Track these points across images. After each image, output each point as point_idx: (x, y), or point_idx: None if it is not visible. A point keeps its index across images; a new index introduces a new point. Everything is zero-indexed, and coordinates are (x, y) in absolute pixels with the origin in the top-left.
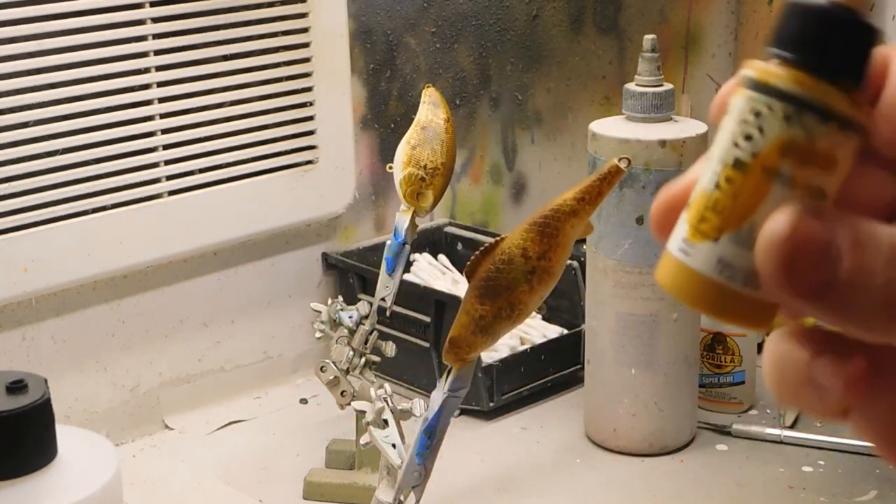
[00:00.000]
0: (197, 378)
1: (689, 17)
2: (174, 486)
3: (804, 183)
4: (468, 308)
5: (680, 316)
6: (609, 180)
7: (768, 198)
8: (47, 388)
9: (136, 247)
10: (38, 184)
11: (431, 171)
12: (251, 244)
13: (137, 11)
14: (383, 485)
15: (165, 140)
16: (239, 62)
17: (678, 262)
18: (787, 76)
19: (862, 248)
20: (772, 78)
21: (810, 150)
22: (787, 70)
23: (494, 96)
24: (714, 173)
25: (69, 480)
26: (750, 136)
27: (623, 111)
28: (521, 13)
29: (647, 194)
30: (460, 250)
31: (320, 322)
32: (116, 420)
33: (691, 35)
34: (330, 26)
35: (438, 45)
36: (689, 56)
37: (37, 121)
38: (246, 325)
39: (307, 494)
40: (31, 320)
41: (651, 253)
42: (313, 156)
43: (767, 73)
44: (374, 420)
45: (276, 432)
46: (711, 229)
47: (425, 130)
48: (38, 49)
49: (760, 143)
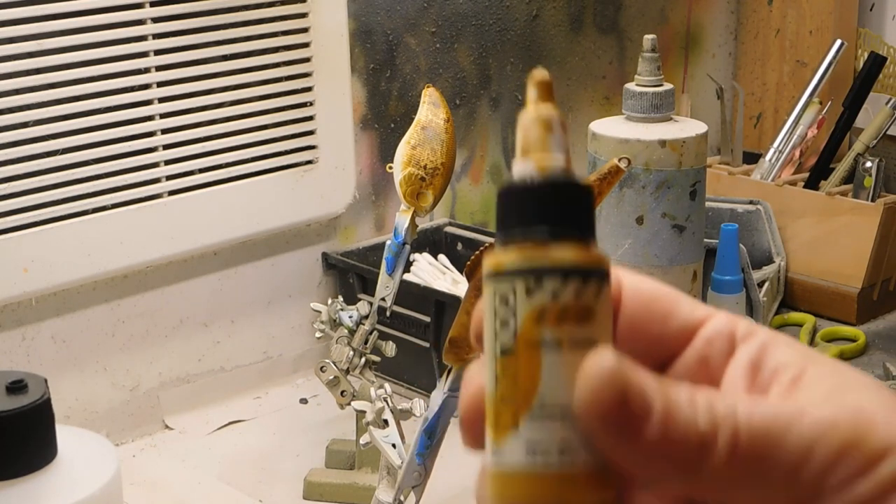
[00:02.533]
0: (197, 378)
1: (689, 17)
2: (174, 486)
3: (571, 340)
4: (468, 308)
5: None
6: (609, 180)
7: (543, 368)
8: (47, 388)
9: (136, 247)
10: (38, 184)
11: (431, 171)
12: (251, 244)
13: (137, 11)
14: (383, 485)
15: (165, 140)
16: (239, 62)
17: (495, 472)
18: (515, 255)
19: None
20: (503, 262)
21: (562, 310)
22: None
23: (494, 96)
24: (491, 371)
25: (69, 480)
26: (506, 322)
27: (623, 111)
28: (521, 13)
29: (647, 194)
30: (460, 250)
31: (320, 322)
32: (116, 420)
33: (691, 35)
34: (330, 26)
35: (438, 45)
36: (689, 56)
37: (37, 121)
38: (246, 325)
39: (307, 494)
40: (31, 320)
41: (651, 253)
42: (313, 156)
43: (498, 260)
44: (374, 420)
45: (276, 432)
46: (509, 420)
47: (425, 130)
48: (38, 49)
49: (516, 323)
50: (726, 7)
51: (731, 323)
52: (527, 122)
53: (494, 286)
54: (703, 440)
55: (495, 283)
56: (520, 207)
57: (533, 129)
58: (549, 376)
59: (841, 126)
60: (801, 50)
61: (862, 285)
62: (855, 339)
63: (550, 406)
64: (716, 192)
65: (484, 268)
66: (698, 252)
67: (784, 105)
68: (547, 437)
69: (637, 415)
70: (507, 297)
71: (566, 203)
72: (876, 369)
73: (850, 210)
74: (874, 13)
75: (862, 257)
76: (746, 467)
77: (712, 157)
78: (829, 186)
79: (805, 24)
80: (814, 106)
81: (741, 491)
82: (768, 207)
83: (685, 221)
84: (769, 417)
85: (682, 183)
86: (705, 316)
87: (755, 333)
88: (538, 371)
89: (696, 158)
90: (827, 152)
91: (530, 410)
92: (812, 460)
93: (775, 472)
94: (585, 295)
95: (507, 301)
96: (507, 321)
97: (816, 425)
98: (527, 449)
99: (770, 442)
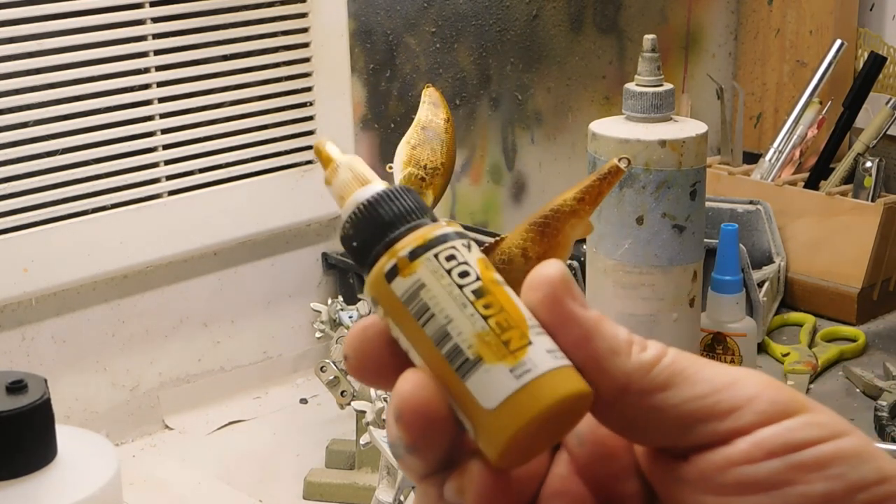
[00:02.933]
0: (197, 378)
1: (689, 17)
2: (174, 486)
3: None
4: None
5: (680, 316)
6: (609, 180)
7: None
8: (47, 388)
9: (136, 247)
10: (38, 184)
11: (431, 171)
12: (251, 244)
13: (137, 11)
14: (383, 485)
15: (165, 140)
16: (239, 62)
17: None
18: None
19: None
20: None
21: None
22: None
23: (494, 96)
24: (471, 315)
25: (69, 480)
26: (466, 273)
27: (623, 111)
28: (521, 13)
29: (647, 194)
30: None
31: (320, 322)
32: (116, 420)
33: (691, 35)
34: (330, 26)
35: (438, 45)
36: (689, 56)
37: (37, 121)
38: (246, 325)
39: (307, 494)
40: (31, 320)
41: (651, 253)
42: (313, 156)
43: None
44: (374, 420)
45: (276, 432)
46: (518, 340)
47: (425, 130)
48: (38, 49)
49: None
50: (726, 7)
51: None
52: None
53: (432, 252)
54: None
55: (431, 249)
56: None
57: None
58: (519, 302)
59: (841, 126)
60: (801, 50)
61: (862, 285)
62: (855, 339)
63: (536, 324)
64: (716, 192)
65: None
66: (698, 252)
67: (784, 105)
68: (551, 344)
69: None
70: (454, 255)
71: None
72: (876, 369)
73: (850, 210)
74: (874, 13)
75: (862, 257)
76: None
77: (712, 157)
78: (829, 186)
79: (805, 24)
80: (814, 106)
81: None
82: (768, 207)
83: (685, 221)
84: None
85: (682, 183)
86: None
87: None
88: (511, 298)
89: (696, 158)
90: (827, 152)
91: (531, 327)
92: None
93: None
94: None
95: (455, 257)
96: (467, 272)
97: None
98: (547, 354)
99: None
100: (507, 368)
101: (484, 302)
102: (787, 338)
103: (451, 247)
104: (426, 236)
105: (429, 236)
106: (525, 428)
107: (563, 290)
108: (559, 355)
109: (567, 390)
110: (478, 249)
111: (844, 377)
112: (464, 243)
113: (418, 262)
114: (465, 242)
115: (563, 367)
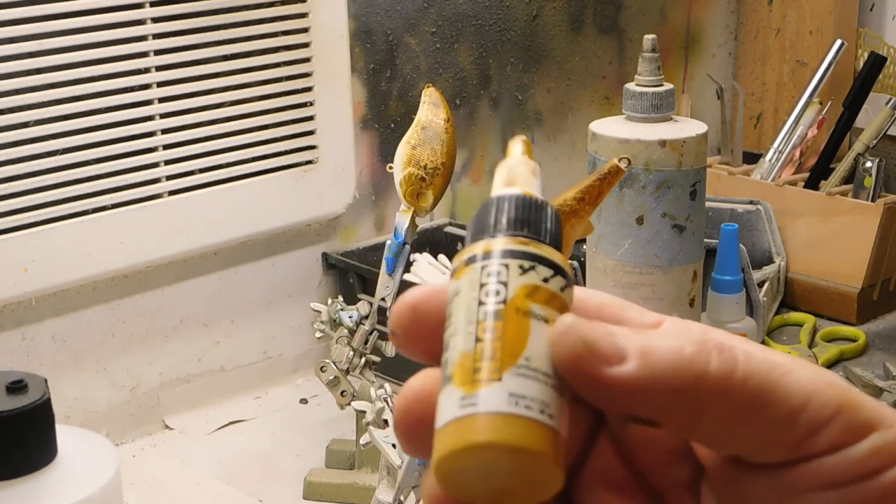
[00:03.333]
0: (197, 378)
1: (689, 17)
2: (174, 486)
3: (552, 319)
4: None
5: (680, 316)
6: (609, 180)
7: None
8: (47, 388)
9: (136, 247)
10: (38, 184)
11: (431, 171)
12: (251, 244)
13: (137, 11)
14: (383, 485)
15: (165, 140)
16: (239, 62)
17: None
18: (509, 241)
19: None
20: (495, 245)
21: (550, 295)
22: (506, 239)
23: (494, 96)
24: (468, 334)
25: (69, 480)
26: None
27: (623, 111)
28: (521, 13)
29: (647, 194)
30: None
31: (320, 322)
32: (116, 420)
33: (691, 35)
34: (330, 26)
35: (438, 45)
36: (689, 56)
37: (37, 121)
38: (246, 325)
39: (307, 494)
40: (31, 320)
41: (651, 253)
42: (313, 156)
43: (488, 245)
44: (374, 420)
45: (276, 432)
46: (489, 375)
47: (425, 130)
48: (38, 49)
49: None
50: (726, 7)
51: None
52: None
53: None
54: (693, 362)
55: (485, 261)
56: (515, 210)
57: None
58: (534, 342)
59: (841, 126)
60: (801, 50)
61: (862, 285)
62: (855, 339)
63: (534, 369)
64: (716, 192)
65: (465, 253)
66: (698, 252)
67: (784, 105)
68: (530, 391)
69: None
70: (500, 272)
71: (551, 220)
72: (876, 369)
73: (850, 210)
74: (874, 13)
75: (862, 257)
76: (742, 404)
77: (712, 157)
78: (829, 186)
79: (805, 24)
80: (814, 106)
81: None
82: (768, 207)
83: (685, 221)
84: (769, 360)
85: (682, 183)
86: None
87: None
88: (526, 334)
89: (696, 158)
90: (827, 152)
91: (516, 367)
92: (808, 410)
93: (772, 413)
94: (566, 292)
95: (499, 274)
96: (498, 291)
97: (811, 381)
98: (510, 396)
99: (771, 382)
100: (460, 395)
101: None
102: (787, 338)
103: (503, 264)
104: (489, 248)
105: (492, 248)
106: (449, 459)
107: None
108: (526, 404)
109: (494, 438)
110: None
111: (844, 377)
112: (523, 265)
113: (466, 270)
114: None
115: (512, 416)
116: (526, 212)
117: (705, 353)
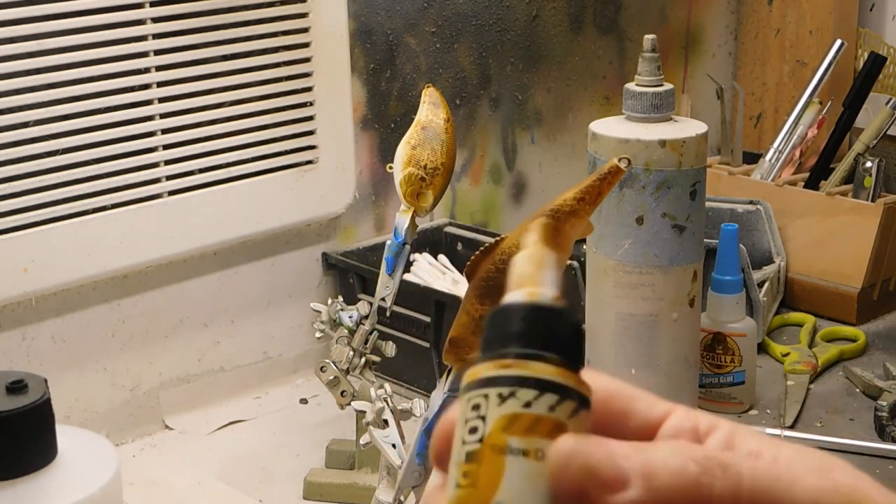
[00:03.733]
0: (197, 378)
1: (689, 17)
2: (174, 486)
3: (538, 450)
4: (468, 308)
5: (680, 316)
6: (609, 180)
7: (505, 474)
8: (47, 388)
9: (136, 247)
10: (38, 184)
11: (431, 171)
12: (251, 244)
13: (137, 11)
14: (383, 485)
15: (165, 140)
16: (239, 62)
17: None
18: (492, 366)
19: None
20: (480, 373)
21: (534, 420)
22: (492, 363)
23: (494, 96)
24: (452, 478)
25: (69, 480)
26: (475, 429)
27: (623, 111)
28: (521, 13)
29: (647, 194)
30: (460, 250)
31: (320, 322)
32: (116, 420)
33: (691, 35)
34: (330, 26)
35: (438, 45)
36: (689, 56)
37: (37, 121)
38: (246, 325)
39: (307, 494)
40: (31, 320)
41: (651, 253)
42: (313, 156)
43: (475, 372)
44: (374, 420)
45: (276, 432)
46: None
47: (425, 130)
48: (38, 49)
49: (484, 428)
50: (726, 7)
51: (691, 417)
52: (522, 259)
53: (469, 394)
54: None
55: (469, 391)
56: (504, 327)
57: (527, 265)
58: (509, 483)
59: (841, 126)
60: (801, 50)
61: (862, 285)
62: (855, 340)
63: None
64: (716, 192)
65: (465, 378)
66: (698, 252)
67: (784, 105)
68: None
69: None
70: (480, 405)
71: (549, 326)
72: (876, 369)
73: (850, 210)
74: (874, 13)
75: (862, 257)
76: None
77: (712, 157)
78: (829, 186)
79: (805, 24)
80: (814, 106)
81: None
82: (768, 207)
83: (685, 221)
84: (773, 474)
85: (682, 183)
86: (664, 413)
87: (719, 425)
88: (499, 477)
89: (696, 158)
90: (827, 152)
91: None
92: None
93: None
94: (560, 410)
95: (479, 407)
96: (476, 428)
97: (818, 490)
98: None
99: (777, 494)
100: None
101: (466, 469)
102: (787, 338)
103: (483, 395)
104: (474, 376)
105: (476, 376)
106: None
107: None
108: None
109: None
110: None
111: (844, 377)
112: (501, 394)
113: (460, 401)
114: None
115: None
116: (519, 324)
117: (709, 473)
